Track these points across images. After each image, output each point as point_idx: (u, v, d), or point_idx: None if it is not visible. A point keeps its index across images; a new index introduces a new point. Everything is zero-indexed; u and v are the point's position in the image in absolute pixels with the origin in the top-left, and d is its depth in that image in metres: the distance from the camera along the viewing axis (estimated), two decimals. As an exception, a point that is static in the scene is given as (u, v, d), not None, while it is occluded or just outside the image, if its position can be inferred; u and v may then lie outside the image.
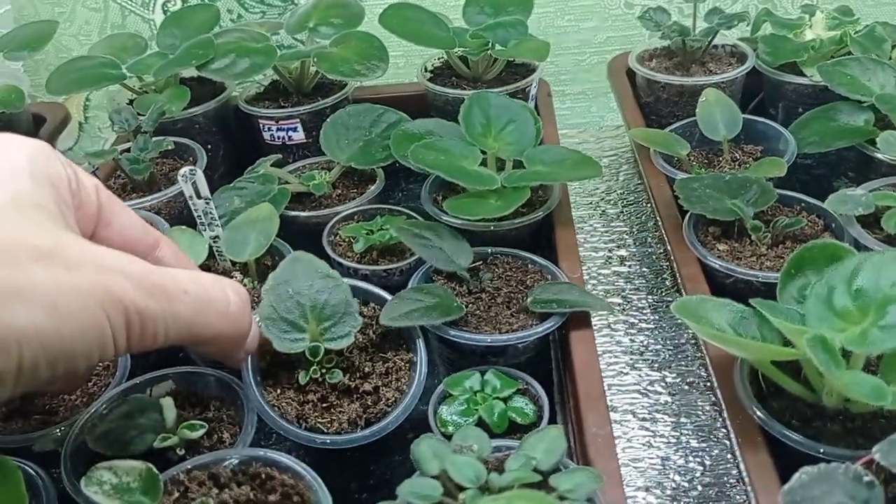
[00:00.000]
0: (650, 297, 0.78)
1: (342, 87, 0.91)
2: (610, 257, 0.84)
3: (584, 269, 0.73)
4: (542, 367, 0.64)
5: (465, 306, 0.61)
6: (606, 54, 1.08)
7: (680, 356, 0.71)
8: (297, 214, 0.76)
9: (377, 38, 0.87)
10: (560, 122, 0.91)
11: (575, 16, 1.13)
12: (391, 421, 0.52)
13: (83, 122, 1.19)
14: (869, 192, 0.68)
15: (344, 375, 0.54)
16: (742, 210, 0.67)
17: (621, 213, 0.91)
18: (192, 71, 0.88)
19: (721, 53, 0.95)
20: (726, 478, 0.60)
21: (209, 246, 0.67)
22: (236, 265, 0.69)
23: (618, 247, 0.86)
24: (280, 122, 0.88)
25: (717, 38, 0.94)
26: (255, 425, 0.53)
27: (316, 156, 0.86)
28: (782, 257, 0.65)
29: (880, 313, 0.47)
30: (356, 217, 0.76)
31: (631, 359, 0.72)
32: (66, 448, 0.51)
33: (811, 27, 0.89)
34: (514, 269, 0.67)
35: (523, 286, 0.65)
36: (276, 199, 0.73)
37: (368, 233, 0.72)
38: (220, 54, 0.85)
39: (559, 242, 0.70)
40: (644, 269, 0.82)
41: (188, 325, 0.44)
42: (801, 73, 0.86)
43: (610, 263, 0.83)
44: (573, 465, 0.48)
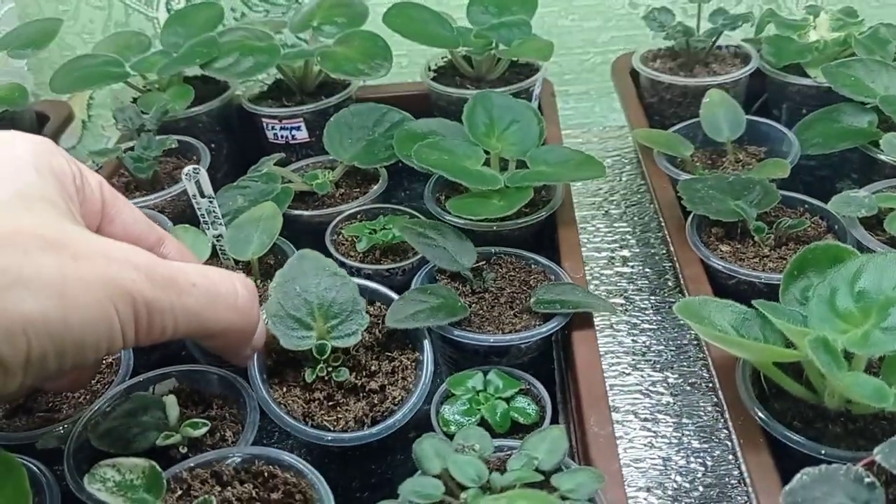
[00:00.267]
0: (653, 297, 0.78)
1: (346, 87, 0.91)
2: (613, 258, 0.84)
3: (586, 269, 0.73)
4: (545, 368, 0.64)
5: (469, 306, 0.61)
6: (610, 54, 1.07)
7: (682, 357, 0.71)
8: (301, 213, 0.76)
9: (381, 38, 0.87)
10: (563, 122, 0.91)
11: (579, 15, 1.13)
12: (398, 419, 0.52)
13: (87, 120, 1.19)
14: (872, 193, 0.68)
15: (350, 374, 0.54)
16: (745, 211, 0.67)
17: (624, 213, 0.91)
18: (195, 69, 0.88)
19: (725, 54, 0.95)
20: (728, 478, 0.60)
21: (212, 244, 0.67)
22: (239, 264, 0.69)
23: (621, 247, 0.86)
24: (283, 120, 0.88)
25: (721, 39, 0.94)
26: (257, 424, 0.53)
27: (319, 155, 0.85)
28: (785, 259, 0.66)
29: (882, 315, 0.47)
30: (359, 216, 0.76)
31: (633, 359, 0.72)
32: (70, 445, 0.51)
33: (815, 28, 0.89)
34: (518, 270, 0.67)
35: (526, 286, 0.65)
36: (280, 197, 0.73)
37: (371, 232, 0.72)
38: (224, 53, 0.85)
39: (562, 243, 0.70)
40: (647, 269, 0.82)
41: (197, 317, 0.44)
42: (804, 75, 0.86)
43: (613, 264, 0.83)
44: (575, 465, 0.48)
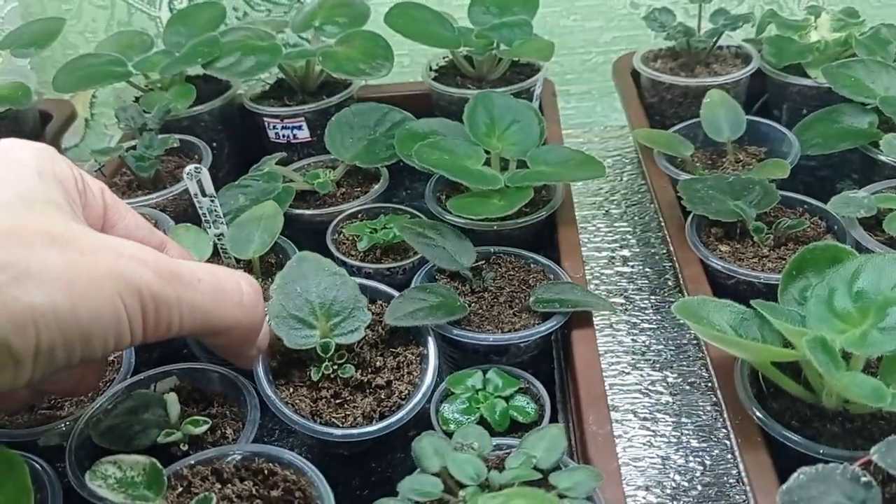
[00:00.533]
0: (652, 297, 0.78)
1: (347, 86, 0.92)
2: (613, 257, 0.84)
3: (586, 269, 0.74)
4: (544, 367, 0.64)
5: (468, 305, 0.61)
6: (612, 54, 1.07)
7: (681, 356, 0.72)
8: (302, 212, 0.77)
9: (382, 38, 0.87)
10: (564, 121, 0.91)
11: (580, 15, 1.13)
12: (407, 413, 0.52)
13: (89, 119, 1.20)
14: (872, 194, 0.68)
15: (356, 371, 0.55)
16: (745, 211, 0.67)
17: (625, 213, 0.91)
18: (197, 69, 0.89)
19: (726, 54, 0.95)
20: (726, 477, 0.60)
21: (213, 243, 0.68)
22: (240, 263, 0.69)
23: (621, 247, 0.86)
24: (285, 120, 0.88)
25: (722, 40, 0.94)
26: (257, 422, 0.53)
27: (320, 154, 0.86)
28: (784, 259, 0.66)
29: (880, 315, 0.47)
30: (360, 215, 0.77)
31: (632, 359, 0.72)
32: (72, 443, 0.51)
33: (816, 29, 0.89)
34: (517, 269, 0.67)
35: (526, 286, 0.65)
36: (281, 197, 0.74)
37: (372, 231, 0.72)
38: (226, 52, 0.86)
39: (562, 242, 0.70)
40: (647, 269, 0.82)
41: (203, 313, 0.44)
42: (805, 75, 0.86)
43: (613, 263, 0.83)
44: (573, 463, 0.48)
